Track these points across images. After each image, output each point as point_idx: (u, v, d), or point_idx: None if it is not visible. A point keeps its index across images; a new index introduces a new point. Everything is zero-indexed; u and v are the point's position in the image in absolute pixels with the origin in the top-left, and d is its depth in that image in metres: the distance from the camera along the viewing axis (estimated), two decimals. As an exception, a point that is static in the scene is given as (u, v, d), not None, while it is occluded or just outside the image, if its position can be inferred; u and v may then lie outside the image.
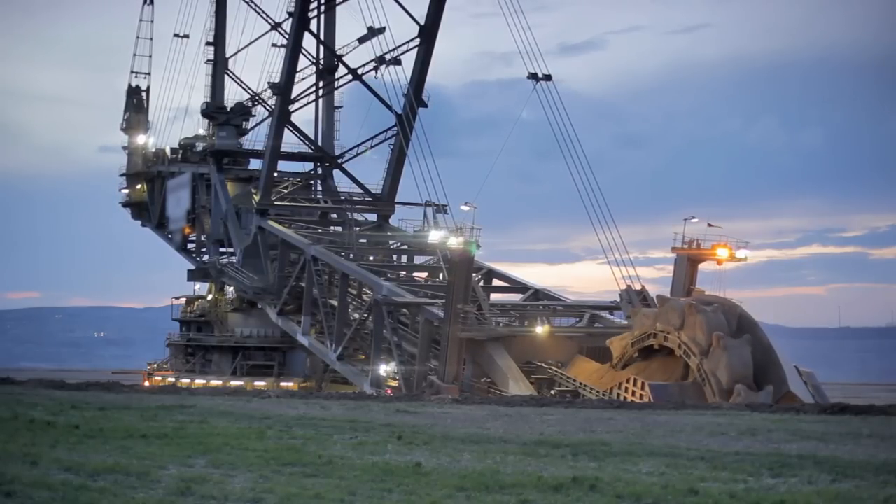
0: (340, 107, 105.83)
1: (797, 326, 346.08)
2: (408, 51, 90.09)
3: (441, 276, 77.56)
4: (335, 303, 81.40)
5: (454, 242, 64.26)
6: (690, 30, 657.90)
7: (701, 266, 64.80)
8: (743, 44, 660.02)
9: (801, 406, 44.29)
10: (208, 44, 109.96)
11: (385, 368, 72.17)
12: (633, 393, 57.10)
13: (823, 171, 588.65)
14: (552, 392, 61.58)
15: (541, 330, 67.34)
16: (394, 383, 70.84)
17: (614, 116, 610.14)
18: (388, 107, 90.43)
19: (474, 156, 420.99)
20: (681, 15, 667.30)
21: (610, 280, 67.88)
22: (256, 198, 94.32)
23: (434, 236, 71.07)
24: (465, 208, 69.11)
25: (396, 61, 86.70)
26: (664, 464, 22.95)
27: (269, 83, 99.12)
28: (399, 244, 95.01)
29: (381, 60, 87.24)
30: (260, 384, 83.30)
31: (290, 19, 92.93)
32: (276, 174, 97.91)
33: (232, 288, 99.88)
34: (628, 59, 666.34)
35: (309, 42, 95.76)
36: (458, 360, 64.03)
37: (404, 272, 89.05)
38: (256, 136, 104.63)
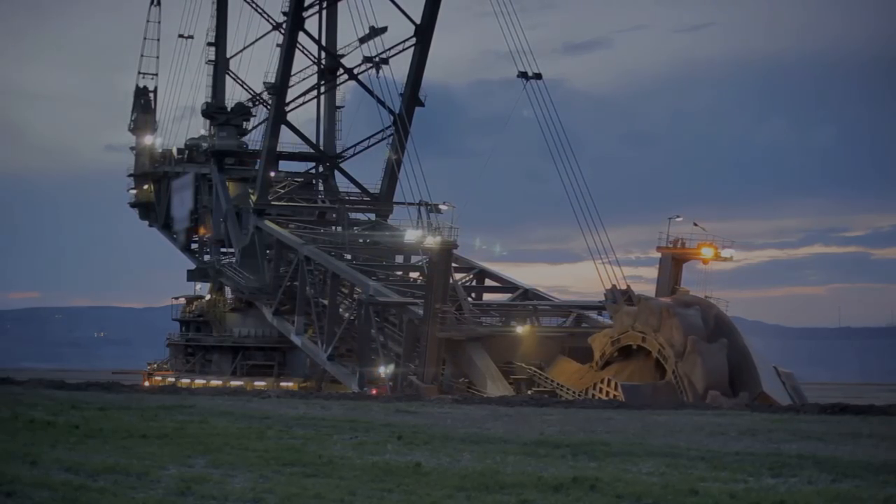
0: (342, 107, 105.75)
1: (797, 326, 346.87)
2: (403, 50, 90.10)
3: None
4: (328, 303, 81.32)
5: (431, 242, 63.98)
6: (696, 28, 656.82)
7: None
8: (748, 42, 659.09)
9: (801, 406, 44.35)
10: (209, 44, 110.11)
11: (382, 369, 72.01)
12: (607, 393, 56.82)
13: (827, 170, 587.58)
14: (530, 392, 61.41)
15: (521, 330, 66.93)
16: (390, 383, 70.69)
17: (620, 115, 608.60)
18: (386, 107, 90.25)
19: (480, 154, 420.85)
20: (686, 13, 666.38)
21: (611, 281, 67.36)
22: (254, 198, 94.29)
23: (410, 236, 69.89)
24: (444, 207, 68.89)
25: (384, 61, 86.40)
26: (664, 464, 22.95)
27: (264, 83, 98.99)
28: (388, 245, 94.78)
29: (369, 60, 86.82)
30: (260, 384, 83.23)
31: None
32: (277, 174, 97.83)
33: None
34: (634, 58, 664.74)
35: (312, 41, 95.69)
36: (437, 360, 63.70)
37: (400, 272, 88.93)
38: (259, 137, 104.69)
